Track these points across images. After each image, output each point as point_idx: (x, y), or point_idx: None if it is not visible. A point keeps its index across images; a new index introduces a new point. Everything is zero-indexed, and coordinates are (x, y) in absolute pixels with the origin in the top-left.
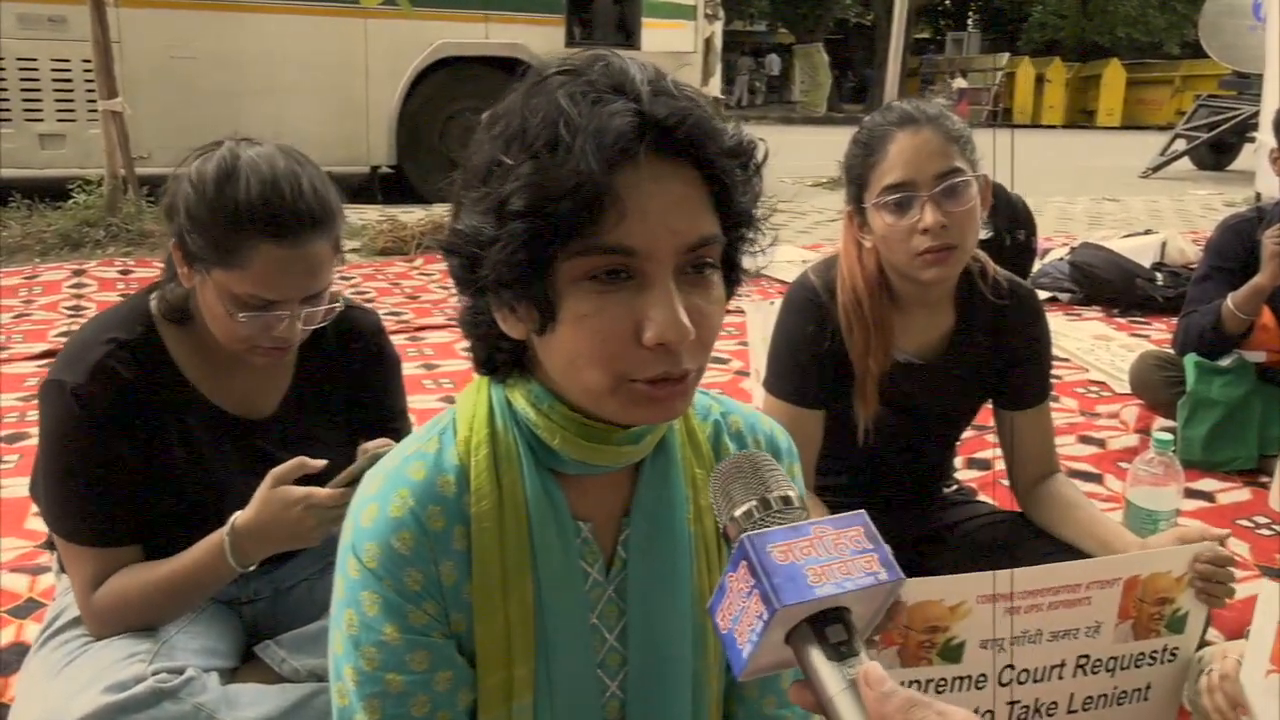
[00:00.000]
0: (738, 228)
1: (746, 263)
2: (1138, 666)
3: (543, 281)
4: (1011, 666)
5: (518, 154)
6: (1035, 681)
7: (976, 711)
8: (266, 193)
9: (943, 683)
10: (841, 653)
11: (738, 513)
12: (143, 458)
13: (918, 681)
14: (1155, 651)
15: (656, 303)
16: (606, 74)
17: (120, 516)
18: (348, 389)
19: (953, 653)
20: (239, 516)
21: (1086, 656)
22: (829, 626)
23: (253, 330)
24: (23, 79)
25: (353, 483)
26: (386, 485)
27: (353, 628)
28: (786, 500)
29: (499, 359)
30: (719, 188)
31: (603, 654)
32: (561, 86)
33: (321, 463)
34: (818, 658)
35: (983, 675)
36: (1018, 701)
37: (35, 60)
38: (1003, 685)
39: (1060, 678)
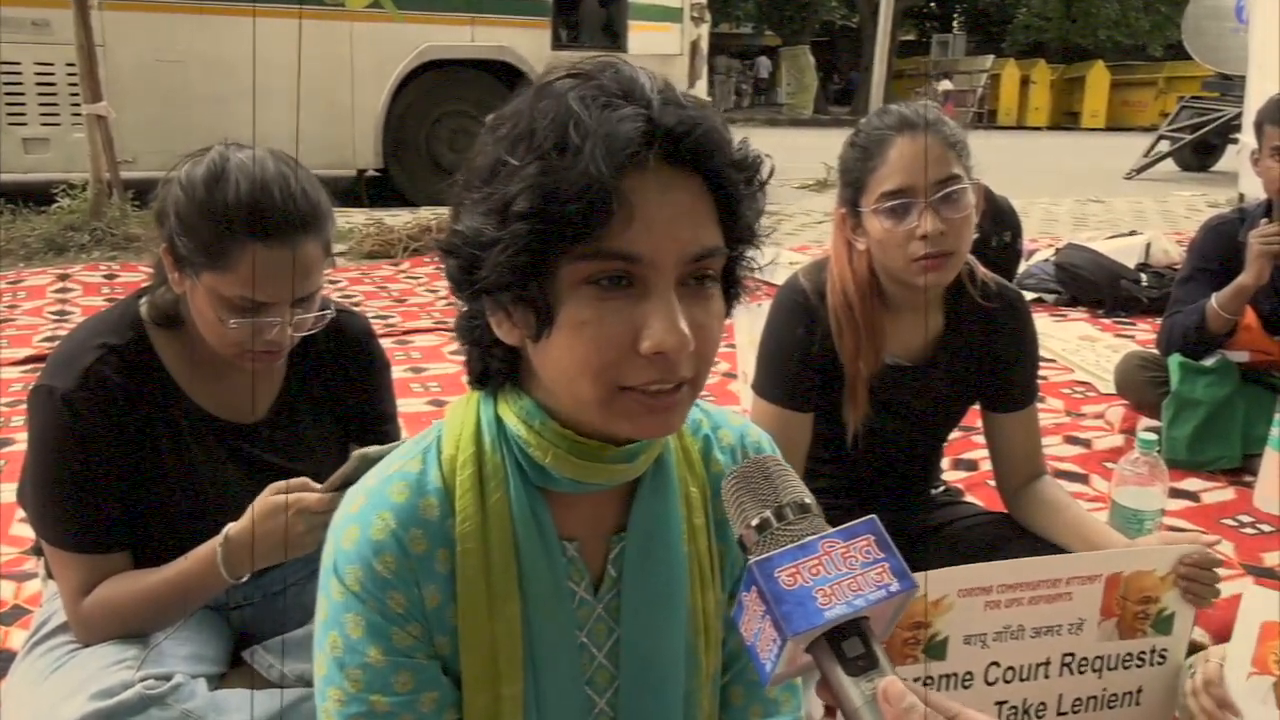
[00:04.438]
0: (740, 241)
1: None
2: (1126, 668)
3: (542, 284)
4: (997, 664)
5: (524, 155)
6: (1022, 680)
7: None
8: (256, 194)
9: (930, 681)
10: (860, 666)
11: (753, 522)
12: (133, 463)
13: (905, 680)
14: (1143, 653)
15: (656, 311)
16: (616, 80)
17: (110, 523)
18: (337, 392)
19: (937, 649)
20: (233, 527)
21: (1071, 655)
22: (846, 641)
23: (243, 335)
24: (6, 83)
25: (343, 486)
26: (367, 506)
27: (337, 650)
28: (802, 507)
29: (493, 368)
30: (724, 200)
31: (591, 671)
32: (571, 90)
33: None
34: (838, 673)
35: (969, 673)
36: (1005, 702)
37: (19, 64)
38: (989, 684)
39: (1046, 676)
